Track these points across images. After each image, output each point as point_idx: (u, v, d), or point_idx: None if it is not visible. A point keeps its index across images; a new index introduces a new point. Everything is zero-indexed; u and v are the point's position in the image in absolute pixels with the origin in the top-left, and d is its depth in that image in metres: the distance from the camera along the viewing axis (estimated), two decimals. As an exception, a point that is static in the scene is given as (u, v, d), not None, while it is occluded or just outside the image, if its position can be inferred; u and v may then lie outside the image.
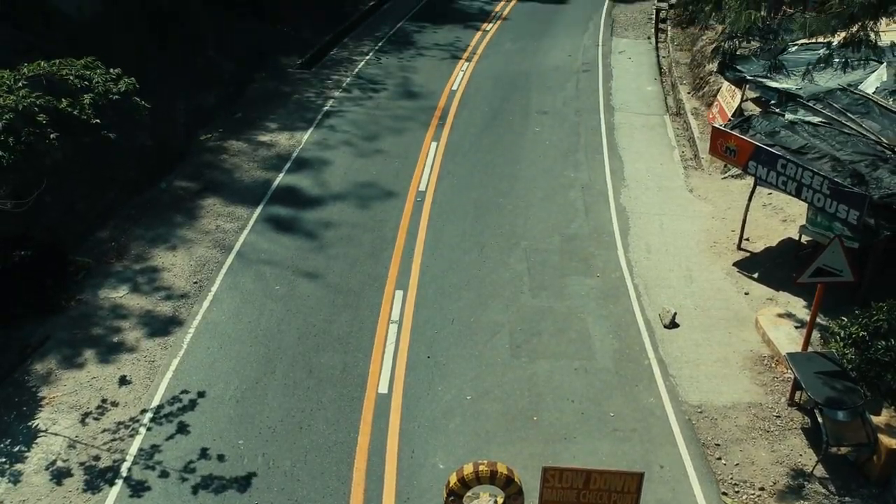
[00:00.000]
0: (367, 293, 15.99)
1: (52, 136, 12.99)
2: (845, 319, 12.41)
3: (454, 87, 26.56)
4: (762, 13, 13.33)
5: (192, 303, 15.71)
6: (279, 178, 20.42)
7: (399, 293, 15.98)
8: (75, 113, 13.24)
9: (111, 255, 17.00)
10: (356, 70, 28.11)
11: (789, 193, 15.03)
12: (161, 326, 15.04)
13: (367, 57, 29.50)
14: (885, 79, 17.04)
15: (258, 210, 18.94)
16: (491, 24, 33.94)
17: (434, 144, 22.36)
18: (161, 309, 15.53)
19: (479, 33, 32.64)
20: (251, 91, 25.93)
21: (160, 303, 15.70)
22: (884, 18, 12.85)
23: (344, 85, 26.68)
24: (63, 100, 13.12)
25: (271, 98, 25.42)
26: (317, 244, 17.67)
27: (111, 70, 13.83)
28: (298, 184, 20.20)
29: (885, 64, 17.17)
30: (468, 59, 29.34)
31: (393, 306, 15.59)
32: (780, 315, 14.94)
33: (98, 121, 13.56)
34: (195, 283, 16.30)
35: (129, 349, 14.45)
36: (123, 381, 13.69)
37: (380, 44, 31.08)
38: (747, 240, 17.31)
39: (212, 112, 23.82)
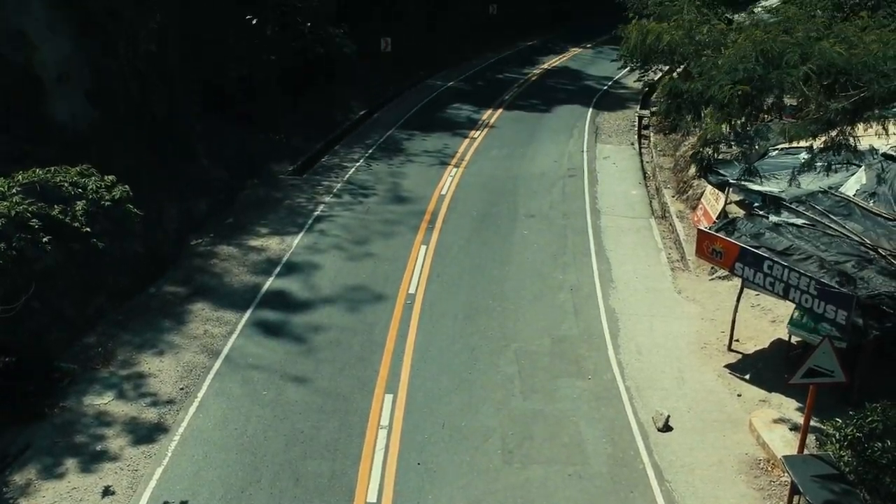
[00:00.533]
0: (356, 398, 15.78)
1: (44, 240, 13.04)
2: (839, 421, 12.29)
3: (443, 192, 27.00)
4: (741, 120, 13.75)
5: (177, 409, 15.44)
6: (269, 283, 20.45)
7: (389, 397, 15.77)
8: (67, 220, 13.37)
9: (97, 361, 16.80)
10: (347, 176, 28.60)
11: (777, 295, 15.13)
12: (146, 434, 14.72)
13: (358, 163, 30.07)
14: (864, 181, 17.45)
15: (247, 314, 18.88)
16: (478, 132, 34.79)
17: (423, 248, 22.55)
18: (146, 416, 15.24)
19: (466, 140, 33.42)
20: (243, 197, 26.26)
21: (145, 409, 15.42)
22: (861, 124, 13.29)
23: (335, 190, 27.09)
24: (56, 207, 13.25)
25: (262, 204, 25.74)
26: (305, 348, 17.54)
27: (106, 177, 14.04)
28: (288, 287, 20.22)
29: (863, 167, 17.62)
30: (456, 165, 29.93)
31: (382, 411, 15.36)
32: (773, 417, 14.80)
33: (89, 229, 13.68)
34: (181, 388, 16.06)
35: (111, 458, 14.09)
36: (105, 491, 13.28)
37: (370, 151, 31.74)
38: (737, 341, 17.30)
39: (203, 218, 24.06)
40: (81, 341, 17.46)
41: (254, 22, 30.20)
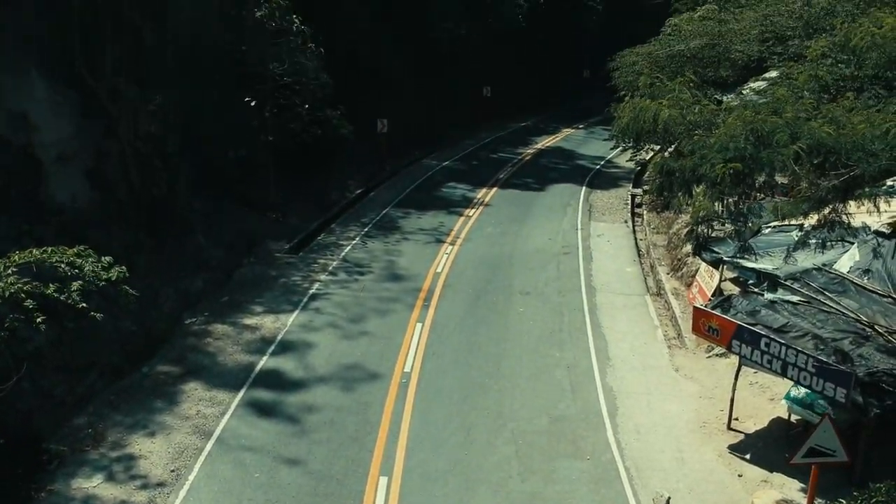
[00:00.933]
0: (350, 480, 15.46)
1: (38, 320, 12.97)
2: (843, 502, 12.06)
3: (438, 270, 27.05)
4: (734, 198, 13.91)
5: (168, 492, 15.09)
6: (263, 362, 20.26)
7: (383, 480, 15.45)
8: (62, 298, 13.32)
9: (87, 443, 16.50)
10: (342, 254, 28.69)
11: (774, 372, 15.03)
12: (134, 518, 14.37)
13: (354, 241, 30.20)
14: (857, 258, 17.56)
15: (240, 394, 18.64)
16: (473, 210, 35.10)
17: (419, 325, 22.45)
18: (136, 499, 14.87)
19: (462, 218, 33.67)
20: (238, 275, 26.26)
21: (135, 492, 15.06)
22: (852, 201, 13.44)
23: (330, 268, 27.13)
24: (50, 285, 13.23)
25: (258, 282, 25.73)
26: (299, 429, 17.26)
27: (103, 258, 14.05)
28: (282, 367, 20.03)
29: (856, 244, 17.75)
30: (452, 243, 30.08)
31: (377, 494, 15.03)
32: (776, 498, 14.46)
33: (85, 304, 13.63)
34: (172, 471, 15.73)
35: (98, 544, 13.72)
36: (90, 579, 12.90)
37: (366, 229, 31.93)
38: (737, 419, 17.09)
39: (199, 296, 23.99)
40: (71, 422, 17.17)
41: (252, 104, 30.83)
